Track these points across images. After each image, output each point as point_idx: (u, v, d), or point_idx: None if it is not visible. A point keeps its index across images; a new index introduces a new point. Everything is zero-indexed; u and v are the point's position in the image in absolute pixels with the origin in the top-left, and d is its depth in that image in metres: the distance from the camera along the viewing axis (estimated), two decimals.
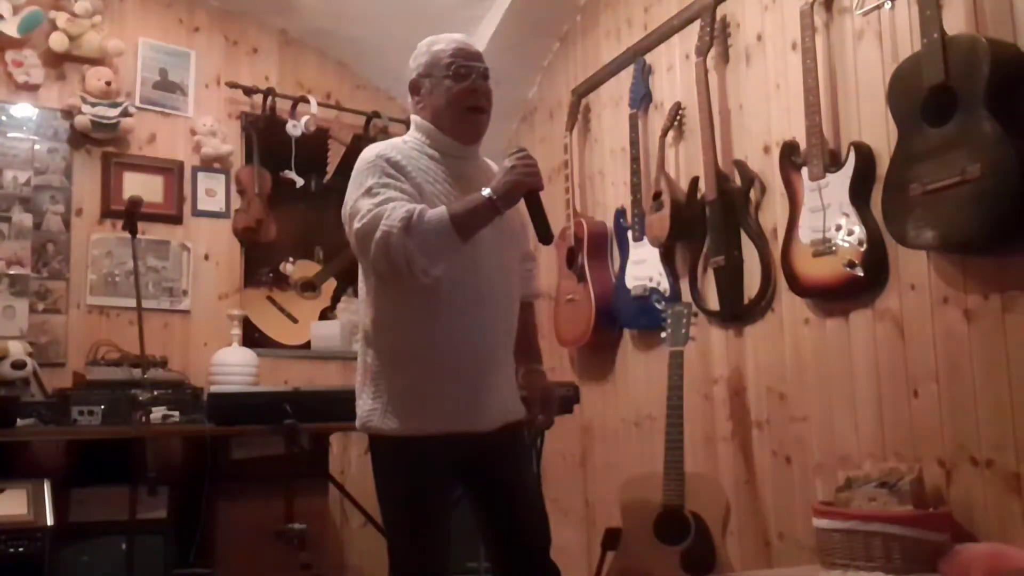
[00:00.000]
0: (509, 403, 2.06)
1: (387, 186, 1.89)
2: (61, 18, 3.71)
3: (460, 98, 1.99)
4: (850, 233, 2.36)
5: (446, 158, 2.02)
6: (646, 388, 3.31)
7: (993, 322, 2.08)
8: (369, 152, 1.99)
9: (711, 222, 2.90)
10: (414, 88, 2.07)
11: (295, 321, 4.39)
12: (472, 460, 1.99)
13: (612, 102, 3.70)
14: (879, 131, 2.37)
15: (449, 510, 2.00)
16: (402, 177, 1.91)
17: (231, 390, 3.43)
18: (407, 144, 2.03)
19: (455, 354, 1.94)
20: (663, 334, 2.80)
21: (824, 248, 2.43)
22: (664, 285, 3.17)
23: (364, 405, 2.00)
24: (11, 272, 3.59)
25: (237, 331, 3.92)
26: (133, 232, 2.90)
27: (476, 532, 2.10)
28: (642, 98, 3.38)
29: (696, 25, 3.02)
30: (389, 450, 1.99)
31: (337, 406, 3.18)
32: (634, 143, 3.36)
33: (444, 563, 1.97)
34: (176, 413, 3.23)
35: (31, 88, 3.71)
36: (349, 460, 4.07)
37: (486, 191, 1.84)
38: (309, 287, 4.52)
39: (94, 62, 3.81)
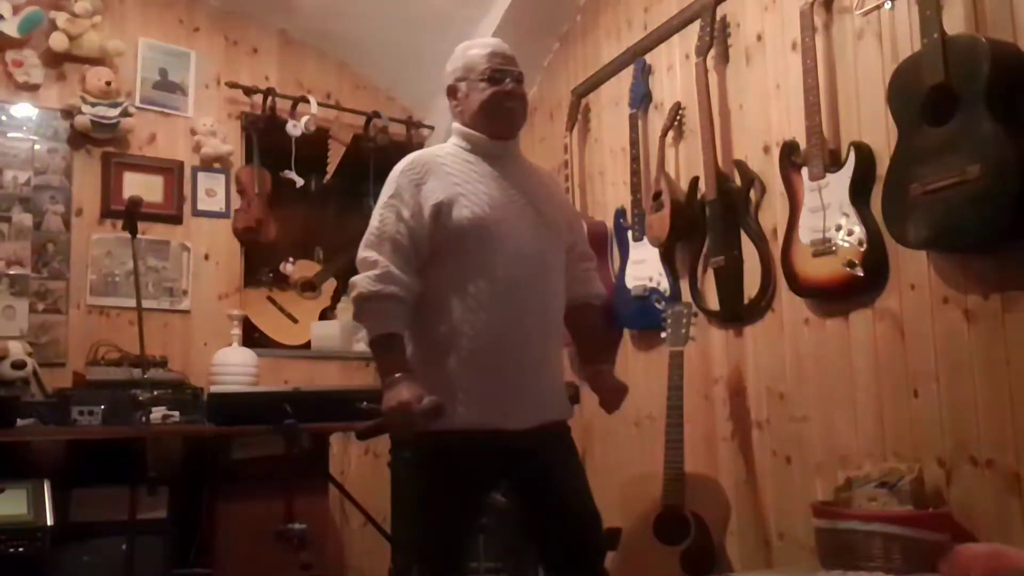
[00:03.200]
0: (548, 402, 2.06)
1: (391, 208, 2.00)
2: (61, 18, 3.71)
3: (494, 100, 2.05)
4: (850, 233, 2.36)
5: (484, 159, 2.08)
6: (646, 388, 3.30)
7: (993, 322, 2.08)
8: (400, 163, 2.08)
9: (711, 222, 2.90)
10: (451, 92, 2.14)
11: (295, 321, 4.39)
12: (507, 459, 1.99)
13: (612, 102, 3.69)
14: (879, 131, 2.37)
15: (473, 507, 2.02)
16: (412, 200, 2.00)
17: (231, 390, 3.43)
18: (444, 150, 2.11)
19: (488, 350, 1.96)
20: (663, 334, 2.80)
21: (824, 248, 2.43)
22: (664, 285, 3.17)
23: None
24: (11, 272, 3.59)
25: (237, 331, 3.92)
26: (133, 232, 2.90)
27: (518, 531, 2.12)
28: (642, 98, 3.38)
29: (696, 25, 3.02)
30: (422, 446, 2.01)
31: (337, 406, 3.19)
32: (634, 143, 3.36)
33: (456, 561, 1.99)
34: (176, 413, 3.23)
35: (31, 88, 3.72)
36: (349, 460, 4.08)
37: (388, 380, 1.93)
38: (309, 287, 4.52)
39: (94, 62, 3.81)
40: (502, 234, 1.98)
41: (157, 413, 3.12)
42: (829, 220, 2.41)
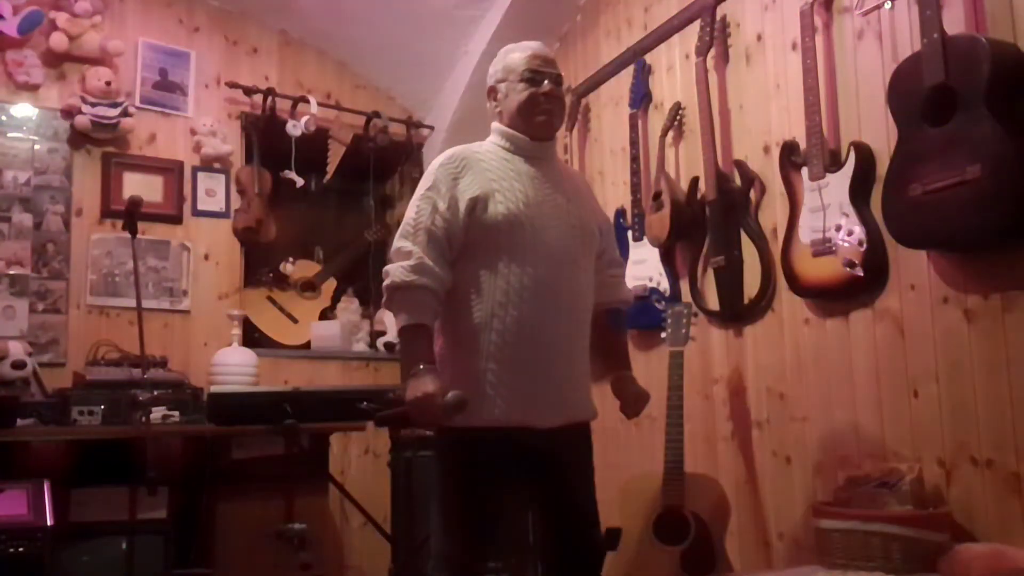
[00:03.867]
0: (575, 402, 2.08)
1: (428, 200, 2.02)
2: (61, 18, 3.71)
3: (531, 101, 2.09)
4: (850, 233, 2.36)
5: (521, 158, 2.11)
6: (646, 388, 3.30)
7: (993, 322, 2.08)
8: (439, 157, 2.11)
9: (711, 222, 2.90)
10: (491, 93, 2.18)
11: (295, 321, 4.39)
12: (532, 456, 2.01)
13: (612, 102, 3.69)
14: (879, 131, 2.37)
15: (500, 504, 2.03)
16: (448, 193, 2.02)
17: (231, 390, 3.43)
18: (482, 147, 2.14)
19: (517, 346, 1.97)
20: (663, 334, 2.80)
21: (824, 248, 2.43)
22: (664, 285, 3.17)
23: None
24: (11, 272, 3.59)
25: (237, 331, 3.92)
26: (133, 232, 2.90)
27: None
28: (642, 98, 3.38)
29: (696, 25, 3.02)
30: (448, 440, 2.03)
31: (337, 406, 3.19)
32: (634, 143, 3.36)
33: (483, 559, 2.03)
34: (176, 413, 3.24)
35: (31, 88, 3.71)
36: (349, 460, 4.08)
37: (413, 371, 1.93)
38: (309, 287, 4.52)
39: (94, 62, 3.81)
40: (535, 232, 2.01)
41: (157, 413, 3.12)
42: (829, 220, 2.41)
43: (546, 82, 2.10)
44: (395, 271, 1.98)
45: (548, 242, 2.02)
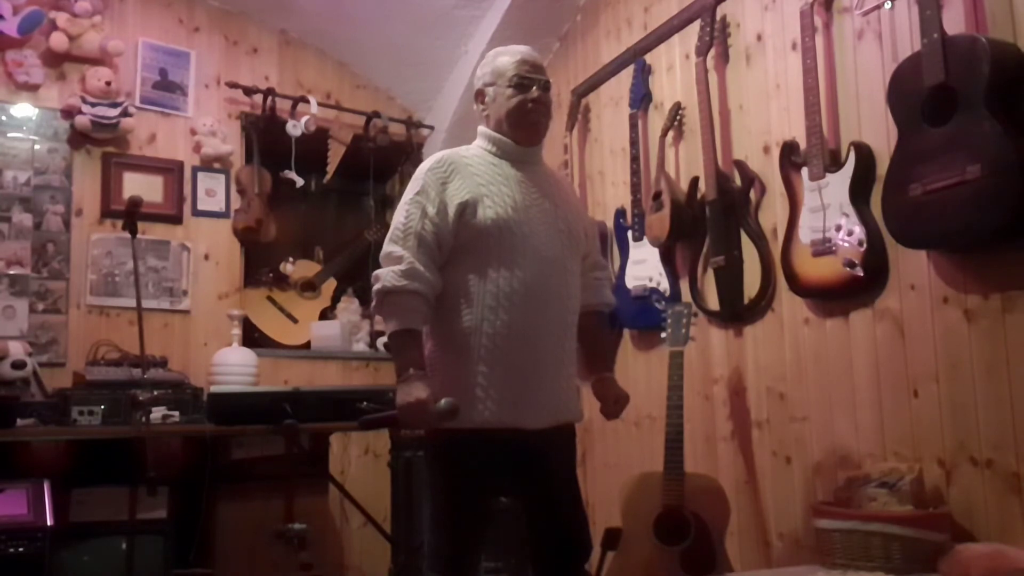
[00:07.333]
0: (563, 403, 2.09)
1: (417, 204, 2.03)
2: (61, 18, 3.72)
3: (520, 107, 2.09)
4: (850, 233, 2.36)
5: (507, 162, 2.11)
6: (646, 388, 3.31)
7: (993, 322, 2.08)
8: (427, 161, 2.11)
9: (711, 222, 2.90)
10: (479, 96, 2.18)
11: (295, 321, 4.39)
12: (520, 457, 2.02)
13: (612, 102, 3.70)
14: (879, 131, 2.37)
15: (486, 507, 2.05)
16: (437, 197, 2.02)
17: (231, 390, 3.43)
18: (469, 151, 2.14)
19: (507, 349, 1.98)
20: (663, 334, 2.80)
21: (824, 248, 2.43)
22: (664, 285, 3.17)
23: None
24: (11, 272, 3.59)
25: (237, 331, 3.92)
26: (133, 232, 2.90)
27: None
28: (642, 98, 3.38)
29: (696, 25, 3.02)
30: (439, 442, 2.04)
31: (337, 406, 3.20)
32: (634, 143, 3.36)
33: (474, 558, 2.04)
34: (176, 413, 3.23)
35: (31, 88, 3.72)
36: (349, 460, 4.08)
37: (404, 376, 1.95)
38: (309, 287, 4.52)
39: (94, 62, 3.81)
40: (524, 236, 2.02)
41: (157, 413, 3.12)
42: (829, 220, 2.41)
43: (534, 88, 2.11)
44: (386, 276, 1.99)
45: (536, 246, 2.03)
